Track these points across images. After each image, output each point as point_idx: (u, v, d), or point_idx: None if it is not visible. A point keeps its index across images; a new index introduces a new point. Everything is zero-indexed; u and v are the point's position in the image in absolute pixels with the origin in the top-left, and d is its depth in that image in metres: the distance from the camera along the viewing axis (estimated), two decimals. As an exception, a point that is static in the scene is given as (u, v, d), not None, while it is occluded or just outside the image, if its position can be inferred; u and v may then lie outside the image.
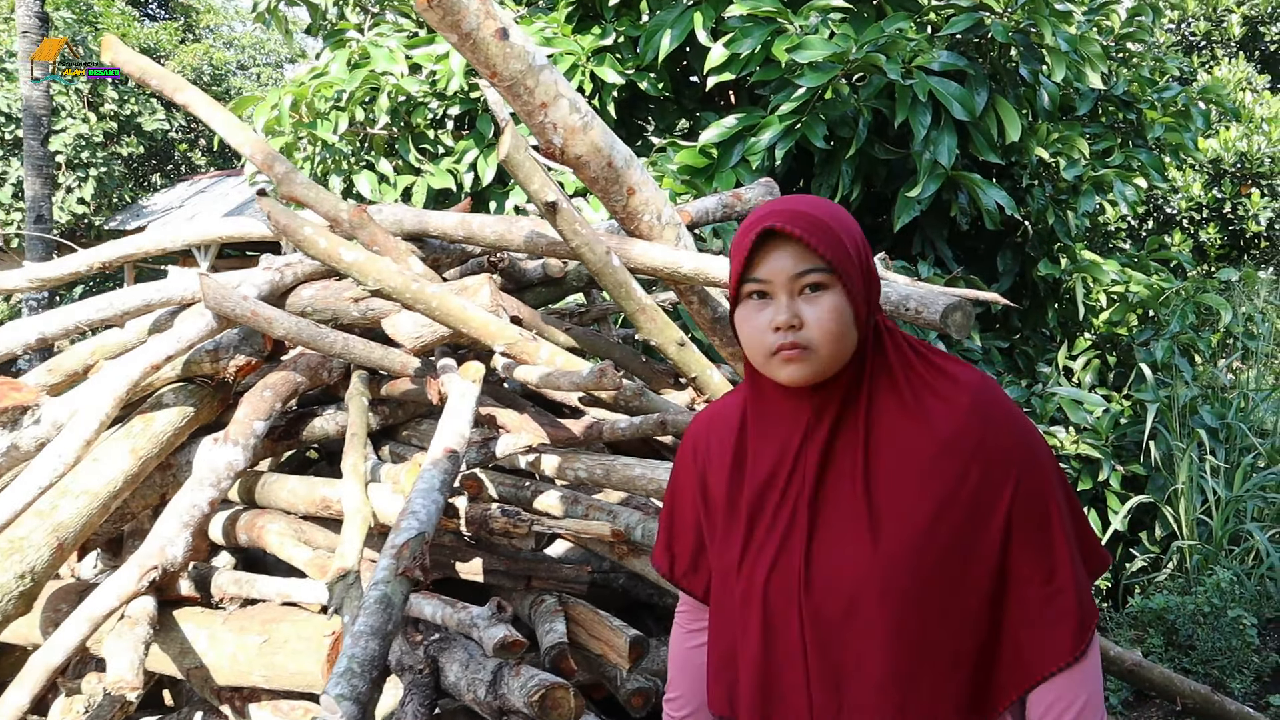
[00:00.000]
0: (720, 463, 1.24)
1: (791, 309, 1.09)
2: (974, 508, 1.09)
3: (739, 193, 3.09)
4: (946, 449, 1.10)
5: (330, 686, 1.55)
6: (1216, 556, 4.15)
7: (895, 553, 1.08)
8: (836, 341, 1.09)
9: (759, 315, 1.11)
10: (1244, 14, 11.03)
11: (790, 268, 1.09)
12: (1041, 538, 1.10)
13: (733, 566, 1.19)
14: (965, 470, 1.09)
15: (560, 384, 2.29)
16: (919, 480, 1.10)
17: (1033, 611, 1.10)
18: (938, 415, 1.12)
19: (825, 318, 1.09)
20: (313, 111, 5.12)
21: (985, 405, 1.12)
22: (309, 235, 2.35)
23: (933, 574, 1.08)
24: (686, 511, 1.31)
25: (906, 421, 1.12)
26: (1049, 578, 1.10)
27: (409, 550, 1.79)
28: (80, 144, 13.82)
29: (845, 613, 1.09)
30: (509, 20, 2.19)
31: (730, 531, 1.21)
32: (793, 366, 1.10)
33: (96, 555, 2.90)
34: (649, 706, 2.23)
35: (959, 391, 1.13)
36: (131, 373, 2.47)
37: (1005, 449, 1.11)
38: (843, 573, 1.10)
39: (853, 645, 1.09)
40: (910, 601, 1.07)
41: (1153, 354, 4.83)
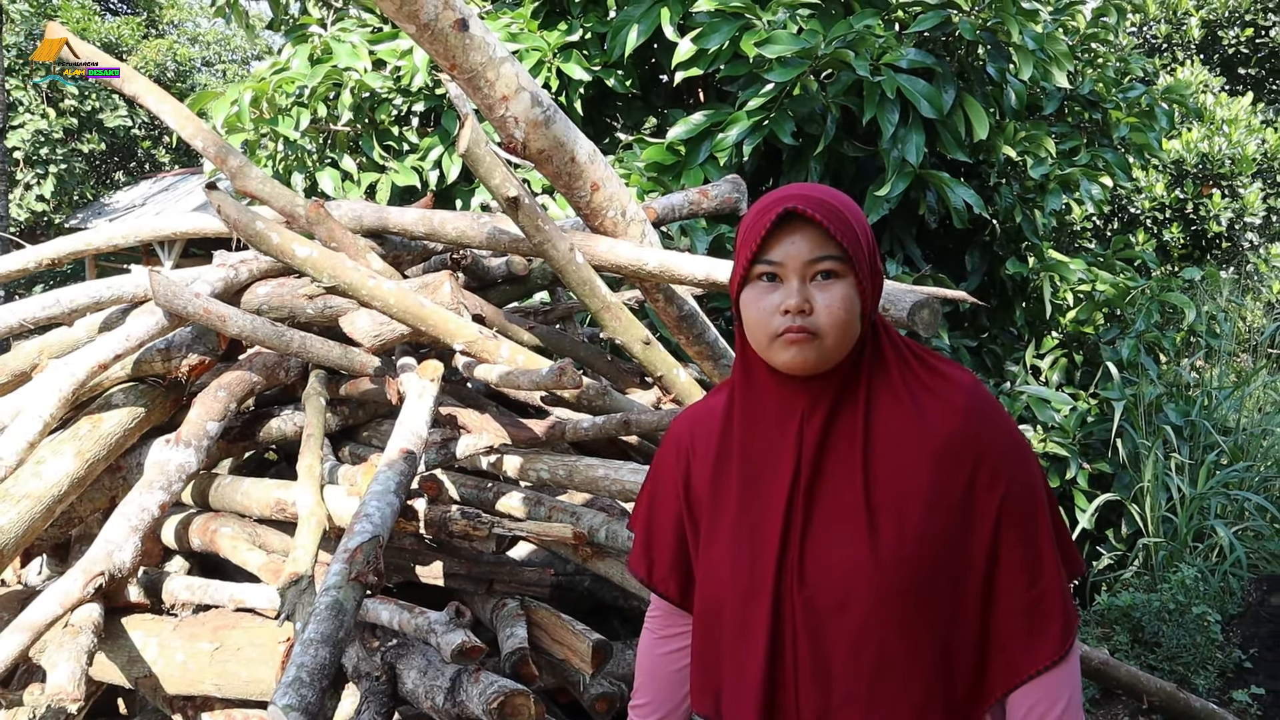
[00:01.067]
0: (705, 458, 1.23)
1: (803, 293, 1.09)
2: (967, 507, 1.10)
3: (705, 189, 3.06)
4: (944, 447, 1.10)
5: (278, 696, 1.49)
6: (1181, 553, 4.18)
7: (891, 549, 1.08)
8: (843, 330, 1.09)
9: (767, 297, 1.11)
10: (1203, 18, 11.19)
11: (806, 252, 1.09)
12: (1030, 540, 1.11)
13: (721, 559, 1.18)
14: (960, 469, 1.10)
15: (520, 383, 2.24)
16: (916, 477, 1.10)
17: (1019, 612, 1.10)
18: (934, 413, 1.12)
19: (836, 305, 1.08)
20: (274, 108, 5.02)
21: (979, 406, 1.13)
22: (261, 230, 2.28)
23: (926, 571, 1.07)
24: (667, 513, 1.28)
25: (904, 418, 1.12)
26: (1035, 579, 1.10)
27: (362, 554, 1.73)
28: (39, 140, 13.55)
29: (838, 606, 1.09)
30: (468, 11, 2.13)
31: (717, 524, 1.19)
32: (795, 350, 1.09)
33: (43, 561, 2.81)
34: (613, 711, 2.19)
35: (954, 391, 1.13)
36: (77, 372, 2.38)
37: (999, 451, 1.11)
38: (837, 566, 1.09)
39: (844, 639, 1.09)
40: (904, 598, 1.07)
41: (1118, 353, 4.87)
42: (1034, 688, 1.11)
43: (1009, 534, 1.10)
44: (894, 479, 1.10)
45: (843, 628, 1.08)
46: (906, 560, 1.07)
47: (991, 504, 1.10)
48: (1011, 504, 1.10)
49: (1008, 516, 1.10)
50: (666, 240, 4.13)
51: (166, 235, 3.29)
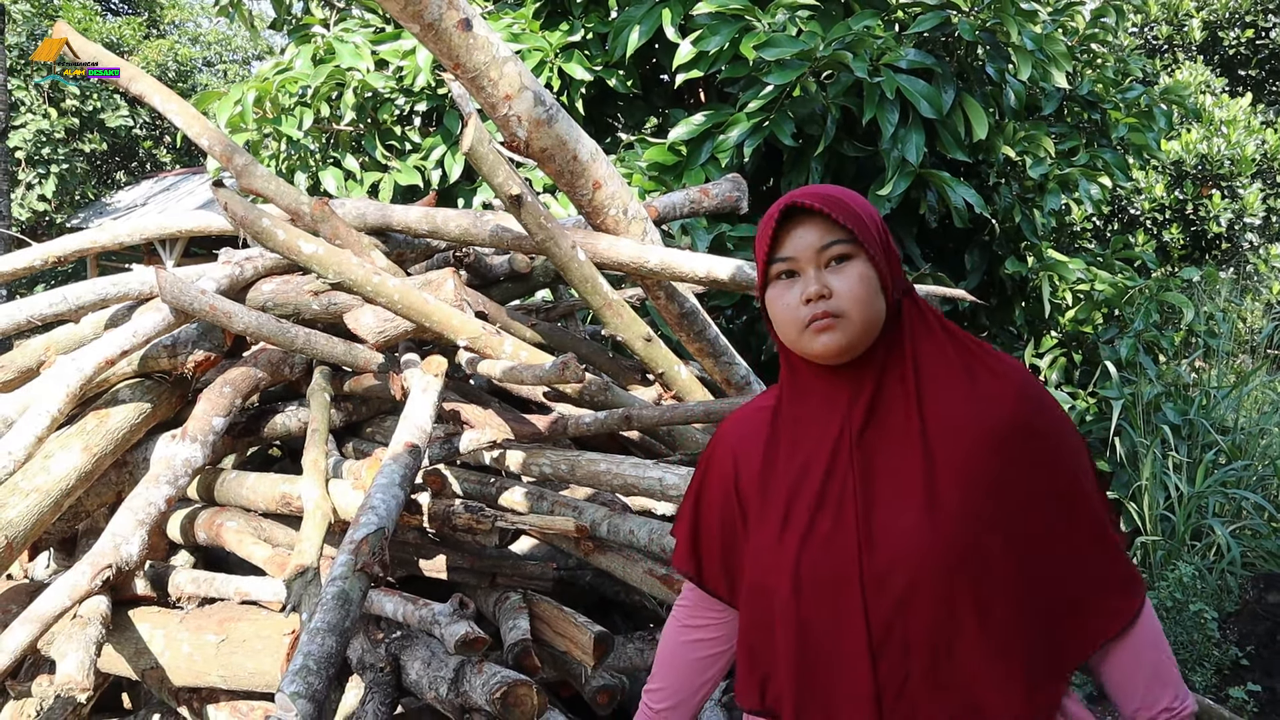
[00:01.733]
0: (752, 456, 1.25)
1: (820, 280, 1.13)
2: (1023, 485, 1.11)
3: (706, 188, 3.08)
4: (1002, 427, 1.12)
5: (285, 684, 1.52)
6: (1179, 552, 4.20)
7: (953, 526, 1.09)
8: (866, 307, 1.12)
9: (789, 293, 1.15)
10: (1204, 19, 11.21)
11: (815, 241, 1.13)
12: (1084, 513, 1.13)
13: (773, 551, 1.18)
14: (1017, 449, 1.11)
15: (523, 378, 2.26)
16: (975, 454, 1.11)
17: (1090, 577, 1.12)
18: (993, 393, 1.14)
19: (854, 284, 1.12)
20: (277, 107, 5.05)
21: (1036, 389, 1.16)
22: (267, 227, 2.30)
23: (989, 548, 1.09)
24: (713, 512, 1.30)
25: (960, 394, 1.14)
26: (1098, 550, 1.13)
27: (368, 546, 1.75)
28: (41, 140, 13.57)
29: (910, 583, 1.09)
30: (472, 11, 2.16)
31: (766, 518, 1.21)
32: (826, 336, 1.12)
33: (49, 555, 2.83)
34: (614, 704, 2.22)
35: (1011, 373, 1.16)
36: (84, 367, 2.41)
37: (1055, 433, 1.14)
38: (905, 540, 1.10)
39: (918, 618, 1.09)
40: (970, 575, 1.08)
41: (1117, 352, 4.89)
42: (1121, 652, 1.13)
43: (1064, 510, 1.12)
44: (952, 455, 1.11)
45: (915, 607, 1.09)
46: (969, 537, 1.08)
47: (1047, 483, 1.12)
48: (1065, 483, 1.13)
49: (1064, 495, 1.12)
50: (668, 238, 4.15)
51: (171, 233, 3.31)
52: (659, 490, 2.14)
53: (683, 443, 2.67)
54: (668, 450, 2.77)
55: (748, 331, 4.76)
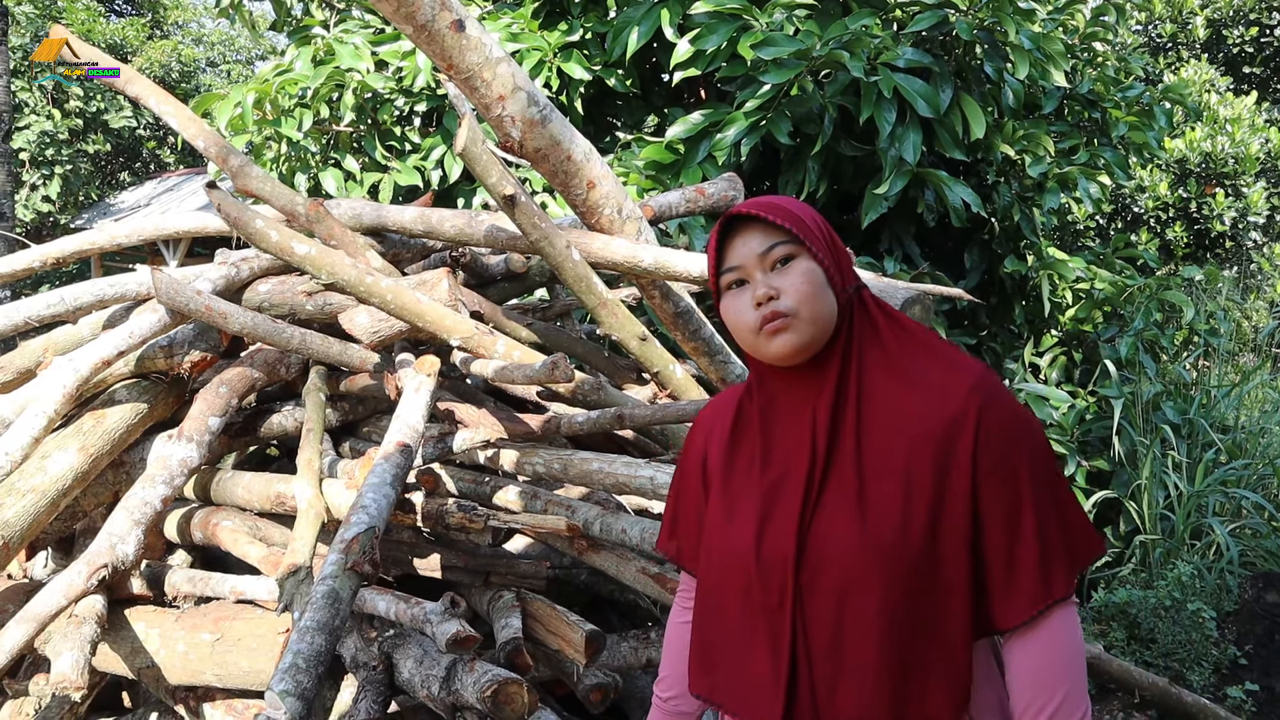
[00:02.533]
0: (720, 441, 1.29)
1: (767, 282, 1.16)
2: (961, 487, 1.12)
3: (702, 188, 3.08)
4: (941, 429, 1.13)
5: (275, 682, 1.52)
6: (1178, 551, 4.19)
7: (879, 529, 1.11)
8: (814, 302, 1.14)
9: (740, 300, 1.19)
10: (1208, 17, 11.17)
11: (757, 246, 1.17)
12: (1013, 515, 1.12)
13: (723, 535, 1.22)
14: (956, 450, 1.12)
15: (514, 377, 2.27)
16: (912, 456, 1.13)
17: (999, 578, 1.13)
18: (935, 394, 1.15)
19: (798, 281, 1.15)
20: (277, 109, 5.06)
21: (985, 390, 1.15)
22: (260, 228, 2.31)
23: (921, 547, 1.10)
24: (691, 495, 1.35)
25: (901, 397, 1.16)
26: (1012, 550, 1.12)
27: (358, 545, 1.76)
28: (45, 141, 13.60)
29: (839, 586, 1.12)
30: (465, 12, 2.16)
31: (732, 505, 1.24)
32: (780, 337, 1.15)
33: (47, 554, 2.85)
34: (607, 702, 2.22)
35: (961, 376, 1.16)
36: (81, 368, 2.42)
37: (998, 434, 1.13)
38: (834, 547, 1.13)
39: (847, 615, 1.12)
40: (898, 575, 1.10)
41: (1117, 351, 4.88)
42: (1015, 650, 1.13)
43: (992, 507, 1.12)
44: (886, 461, 1.13)
45: (846, 603, 1.12)
46: (893, 540, 1.10)
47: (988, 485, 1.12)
48: (1000, 482, 1.12)
49: (996, 494, 1.12)
50: (665, 238, 4.16)
51: (169, 234, 3.32)
52: (650, 489, 2.15)
53: (676, 442, 2.68)
54: (662, 450, 2.77)
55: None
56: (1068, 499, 1.16)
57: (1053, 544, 1.13)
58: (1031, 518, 1.12)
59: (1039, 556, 1.12)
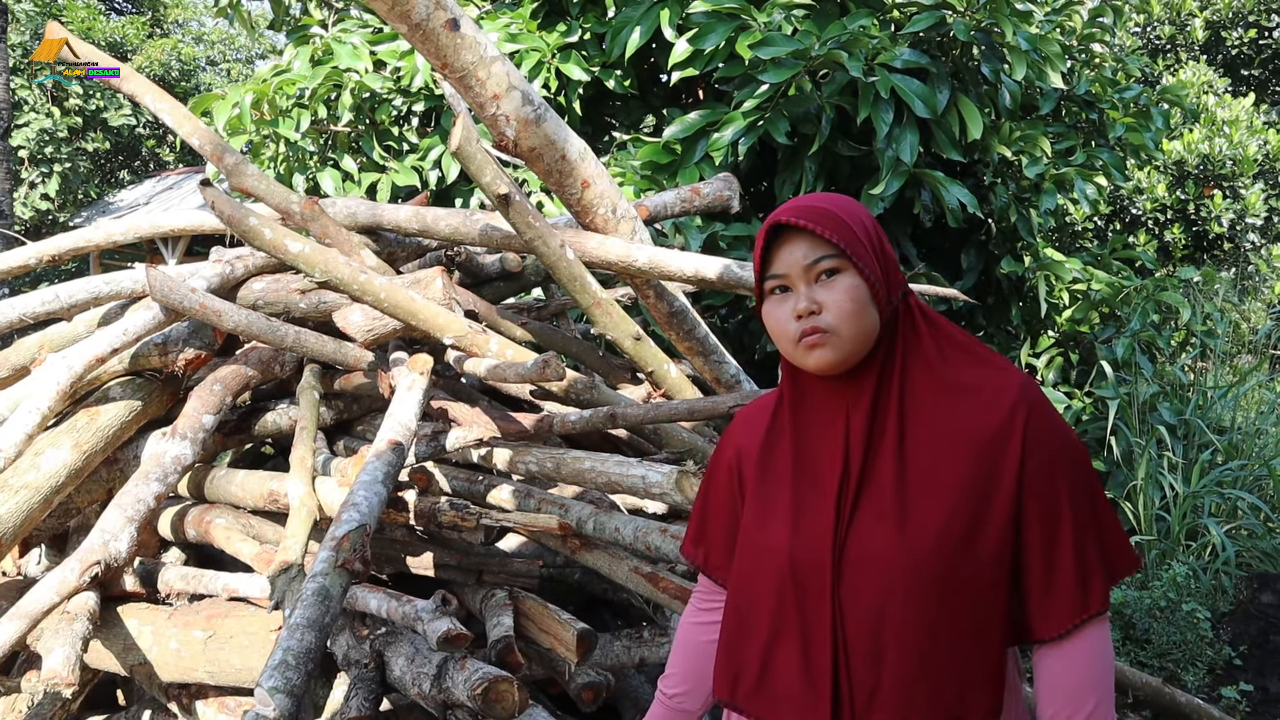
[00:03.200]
0: (753, 448, 1.29)
1: (809, 296, 1.15)
2: (1002, 500, 1.12)
3: (697, 187, 3.08)
4: (984, 441, 1.12)
5: (264, 679, 1.53)
6: (1174, 551, 4.20)
7: (919, 539, 1.11)
8: (855, 321, 1.14)
9: (781, 308, 1.18)
10: (1206, 19, 11.18)
11: (802, 258, 1.15)
12: (1052, 532, 1.13)
13: (758, 542, 1.22)
14: (999, 464, 1.12)
15: (506, 375, 2.27)
16: (951, 469, 1.12)
17: (1036, 594, 1.13)
18: (978, 406, 1.14)
19: (841, 299, 1.14)
20: (275, 109, 5.06)
21: (1028, 403, 1.14)
22: (254, 226, 2.32)
23: (958, 558, 1.10)
24: (720, 503, 1.35)
25: (944, 409, 1.15)
26: (1050, 565, 1.12)
27: (349, 542, 1.76)
28: (44, 139, 13.60)
29: (878, 592, 1.12)
30: (459, 11, 2.17)
31: (766, 513, 1.24)
32: (818, 351, 1.15)
33: (41, 551, 2.85)
34: (599, 700, 2.22)
35: (1003, 387, 1.15)
36: (75, 366, 2.42)
37: (1041, 448, 1.13)
38: (874, 555, 1.13)
39: (886, 623, 1.12)
40: (936, 584, 1.10)
41: (1114, 351, 4.89)
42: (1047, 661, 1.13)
43: (1032, 518, 1.12)
44: (928, 470, 1.13)
45: (886, 609, 1.12)
46: (935, 549, 1.10)
47: (1030, 496, 1.12)
48: (1043, 493, 1.12)
49: (1037, 505, 1.12)
50: (661, 238, 4.16)
51: (165, 232, 3.33)
52: (642, 488, 2.15)
53: (669, 441, 2.68)
54: (655, 449, 2.77)
55: (741, 330, 4.77)
56: (1106, 513, 1.16)
57: (1091, 558, 1.13)
58: (1072, 531, 1.12)
59: (1078, 570, 1.12)
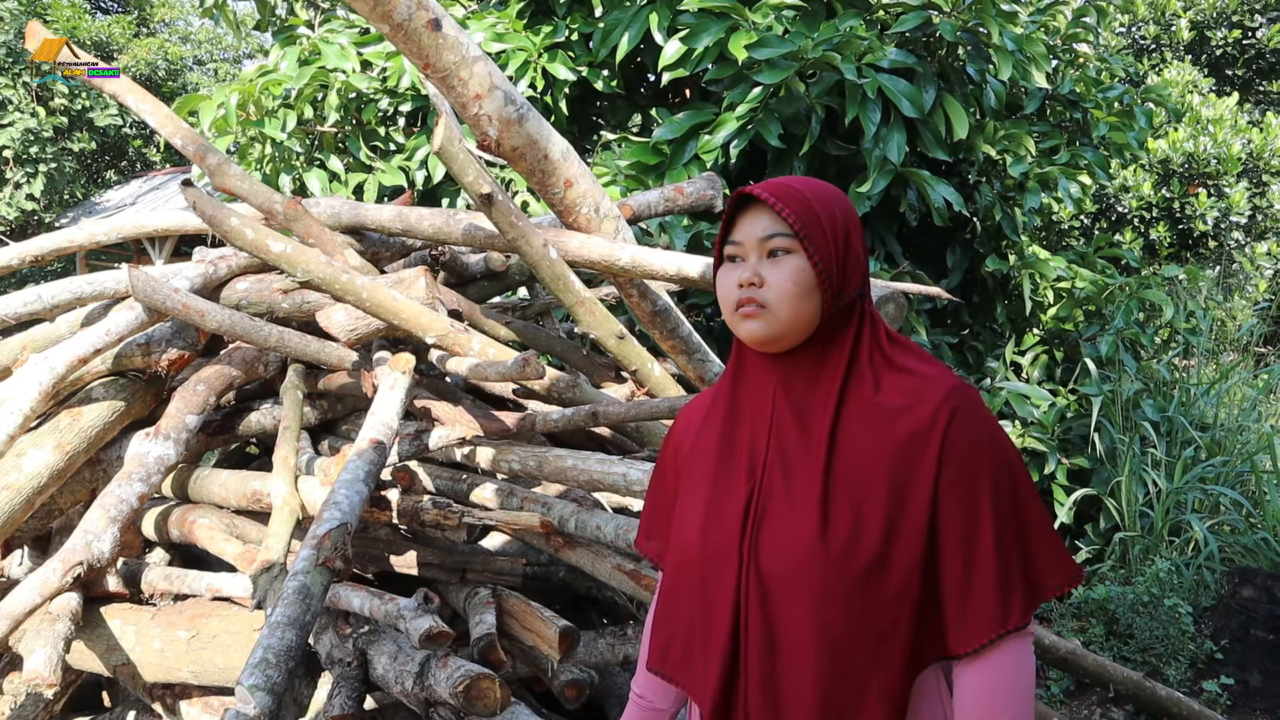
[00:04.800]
0: (693, 427, 1.31)
1: (755, 268, 1.16)
2: (921, 503, 1.11)
3: (680, 187, 3.09)
4: (906, 443, 1.12)
5: (244, 677, 1.53)
6: (1157, 547, 4.23)
7: (839, 537, 1.10)
8: (792, 303, 1.14)
9: (730, 275, 1.19)
10: (1191, 19, 11.24)
11: (758, 231, 1.17)
12: (970, 538, 1.11)
13: (692, 525, 1.23)
14: (919, 467, 1.11)
15: (487, 374, 2.28)
16: (876, 468, 1.12)
17: (953, 603, 1.11)
18: (903, 408, 1.14)
19: (784, 279, 1.14)
20: (261, 110, 5.05)
21: (956, 407, 1.13)
22: (236, 226, 2.31)
23: (872, 560, 1.09)
24: (665, 492, 1.35)
25: (872, 408, 1.15)
26: (968, 575, 1.10)
27: (330, 540, 1.77)
28: (29, 139, 13.52)
29: (786, 582, 1.12)
30: (442, 11, 2.17)
31: (693, 489, 1.25)
32: (751, 323, 1.16)
33: (24, 552, 2.84)
34: (583, 698, 2.23)
35: (932, 390, 1.14)
36: (57, 366, 2.42)
37: (964, 452, 1.11)
38: (787, 546, 1.13)
39: (790, 614, 1.12)
40: (848, 583, 1.09)
41: (1098, 349, 4.92)
42: (965, 677, 1.12)
43: (949, 527, 1.11)
44: (853, 467, 1.13)
45: (786, 602, 1.12)
46: (853, 553, 1.09)
47: (946, 502, 1.11)
48: (959, 501, 1.11)
49: (953, 514, 1.11)
50: (646, 237, 4.17)
51: (149, 232, 3.32)
52: (624, 486, 2.16)
53: (652, 439, 2.69)
54: (638, 447, 2.78)
55: (725, 329, 4.77)
56: (1037, 524, 1.13)
57: (1013, 570, 1.10)
58: (992, 541, 1.10)
59: (996, 583, 1.09)
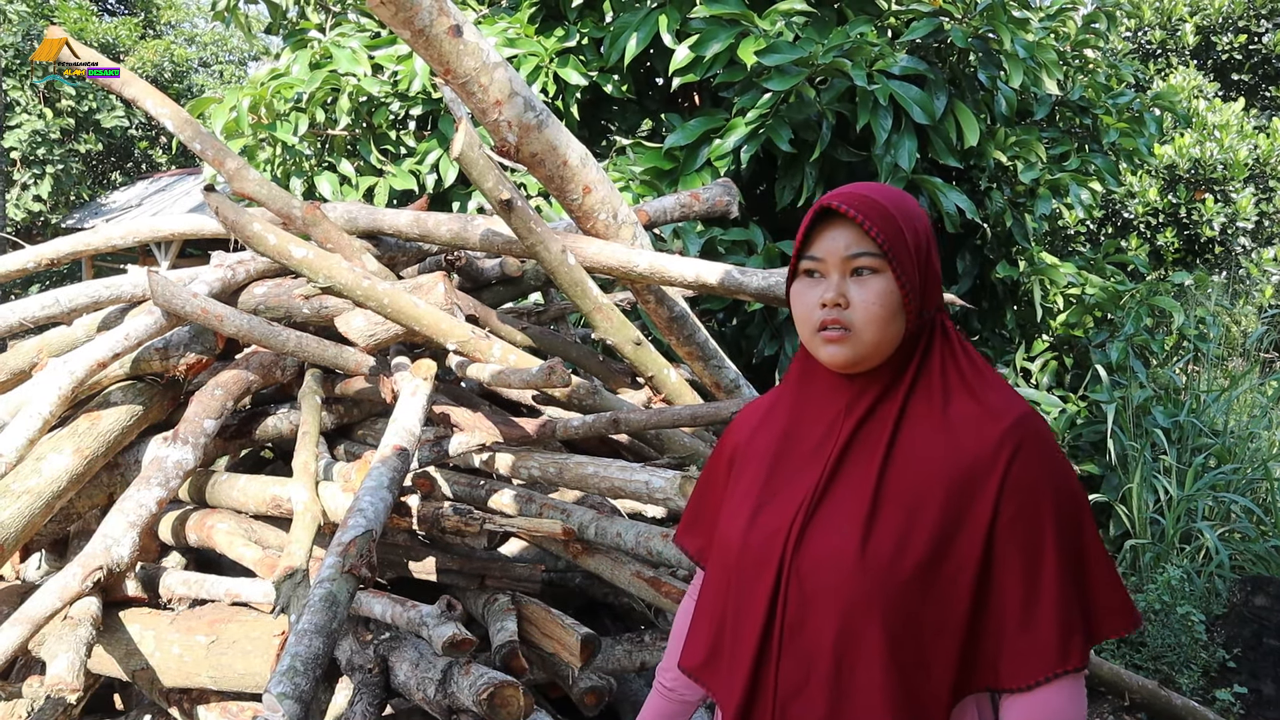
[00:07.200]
0: (748, 429, 1.28)
1: (839, 288, 1.11)
2: (975, 533, 1.08)
3: (696, 193, 3.10)
4: (966, 471, 1.09)
5: (272, 684, 1.53)
6: (1168, 555, 4.22)
7: (881, 555, 1.08)
8: (879, 327, 1.10)
9: (810, 292, 1.14)
10: (1197, 24, 11.25)
11: (842, 248, 1.11)
12: (1032, 577, 1.08)
13: (740, 528, 1.20)
14: (977, 496, 1.08)
15: (510, 381, 2.28)
16: (929, 492, 1.09)
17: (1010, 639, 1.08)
18: (968, 434, 1.10)
19: (871, 301, 1.10)
20: (272, 113, 5.06)
21: (1021, 439, 1.09)
22: (257, 231, 2.32)
23: (914, 583, 1.07)
24: (715, 490, 1.33)
25: (934, 430, 1.12)
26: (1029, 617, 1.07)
27: (355, 548, 1.77)
28: (36, 140, 13.55)
29: (823, 595, 1.10)
30: (462, 17, 2.18)
31: (745, 493, 1.23)
32: (833, 347, 1.12)
33: (41, 556, 2.84)
34: (602, 704, 2.23)
35: (999, 418, 1.10)
36: (76, 370, 2.42)
37: (1025, 487, 1.08)
38: (828, 559, 1.10)
39: (825, 627, 1.10)
40: (886, 603, 1.07)
41: (1108, 356, 4.91)
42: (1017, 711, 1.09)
43: (1008, 561, 1.08)
44: (905, 487, 1.10)
45: (824, 615, 1.10)
46: (894, 569, 1.07)
47: (1006, 538, 1.08)
48: (1021, 535, 1.07)
49: (1014, 548, 1.08)
50: (660, 243, 4.17)
51: (164, 236, 3.33)
52: (645, 493, 2.16)
53: (671, 446, 2.69)
54: (657, 454, 2.78)
55: (739, 335, 4.78)
56: (1100, 566, 1.10)
57: (1074, 612, 1.07)
58: (1055, 581, 1.07)
59: (1058, 623, 1.06)
